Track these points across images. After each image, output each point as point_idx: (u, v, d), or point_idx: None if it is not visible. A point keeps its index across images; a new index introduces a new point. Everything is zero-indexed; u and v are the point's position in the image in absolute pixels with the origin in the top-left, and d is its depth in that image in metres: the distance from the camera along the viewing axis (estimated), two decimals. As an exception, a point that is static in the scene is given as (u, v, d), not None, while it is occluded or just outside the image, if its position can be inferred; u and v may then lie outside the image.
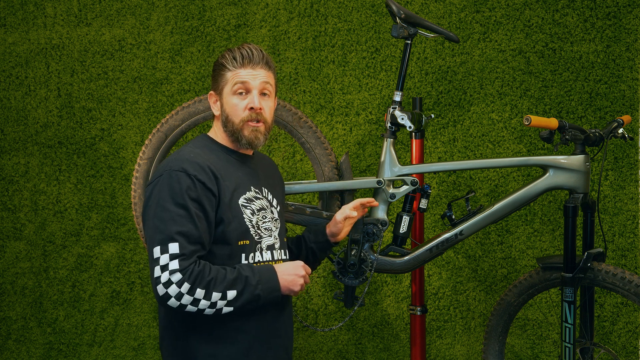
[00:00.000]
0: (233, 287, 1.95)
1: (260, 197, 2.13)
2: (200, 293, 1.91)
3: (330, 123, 3.15)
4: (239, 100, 2.08)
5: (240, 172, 2.10)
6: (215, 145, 2.12)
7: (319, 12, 3.14)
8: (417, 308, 2.72)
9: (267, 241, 2.12)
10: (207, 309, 1.93)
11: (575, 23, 2.93)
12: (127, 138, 3.34)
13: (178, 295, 1.90)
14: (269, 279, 2.01)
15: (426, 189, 2.51)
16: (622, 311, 2.94)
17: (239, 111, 2.08)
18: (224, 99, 2.10)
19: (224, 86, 2.10)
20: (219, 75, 2.11)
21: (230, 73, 2.08)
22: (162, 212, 1.94)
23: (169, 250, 1.91)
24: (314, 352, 3.23)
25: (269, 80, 2.11)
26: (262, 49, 2.13)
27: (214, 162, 2.04)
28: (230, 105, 2.09)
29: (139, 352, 3.39)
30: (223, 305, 1.95)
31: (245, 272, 1.98)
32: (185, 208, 1.94)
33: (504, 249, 3.04)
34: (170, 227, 1.93)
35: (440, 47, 3.05)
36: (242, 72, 2.08)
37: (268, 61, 2.12)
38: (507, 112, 3.00)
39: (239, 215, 2.04)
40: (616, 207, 2.93)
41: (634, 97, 2.89)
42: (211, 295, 1.92)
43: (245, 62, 2.08)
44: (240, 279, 1.96)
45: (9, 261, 3.48)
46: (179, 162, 2.00)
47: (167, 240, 1.92)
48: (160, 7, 3.28)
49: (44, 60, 3.40)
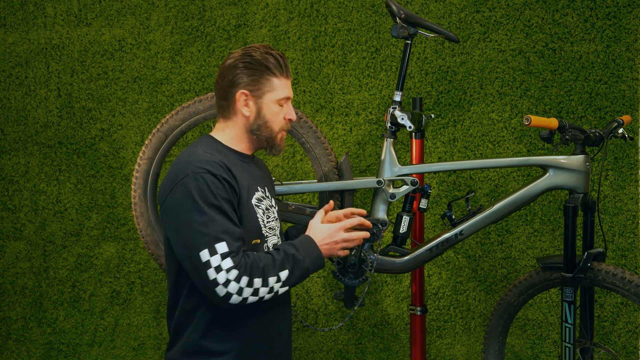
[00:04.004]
0: (284, 267, 1.97)
1: (265, 196, 2.14)
2: (258, 282, 1.93)
3: (330, 123, 3.15)
4: (279, 109, 2.10)
5: (247, 173, 2.10)
6: (221, 146, 2.10)
7: (319, 12, 3.14)
8: (417, 308, 2.72)
9: (272, 240, 2.13)
10: (266, 295, 1.96)
11: (575, 23, 2.93)
12: (127, 138, 3.34)
13: (239, 290, 1.91)
14: (312, 251, 2.04)
15: (426, 189, 2.51)
16: (622, 311, 2.94)
17: (279, 119, 2.10)
18: (264, 104, 2.07)
19: (268, 92, 2.07)
20: (263, 78, 2.06)
21: (277, 81, 2.07)
22: (198, 216, 1.91)
23: (218, 251, 1.89)
24: (314, 352, 3.23)
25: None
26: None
27: (227, 162, 2.03)
28: (272, 113, 2.08)
29: (139, 352, 3.39)
30: (279, 287, 1.97)
31: (290, 250, 2.00)
32: (219, 208, 1.93)
33: (504, 249, 3.04)
34: (213, 228, 1.90)
35: (440, 47, 3.05)
36: (285, 82, 2.10)
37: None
38: (507, 112, 3.00)
39: (254, 215, 2.05)
40: (616, 207, 2.93)
41: (634, 97, 2.89)
42: (268, 281, 1.94)
43: (288, 72, 2.10)
44: (288, 258, 1.98)
45: (9, 261, 3.48)
46: (200, 164, 1.96)
47: (213, 241, 1.90)
48: (160, 7, 3.28)
49: (44, 60, 3.40)
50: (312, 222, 2.14)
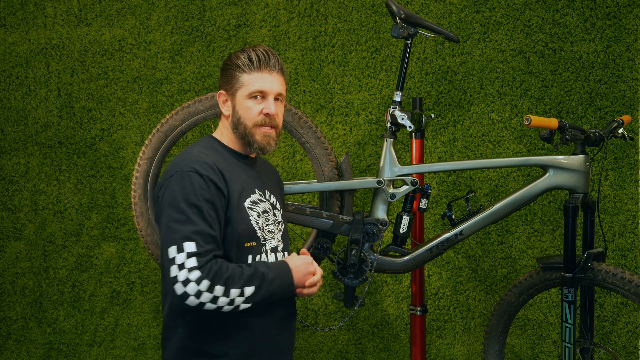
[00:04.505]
0: (250, 283, 1.94)
1: (264, 199, 2.13)
2: (219, 290, 1.90)
3: (330, 123, 3.15)
4: (253, 104, 2.07)
5: (245, 175, 2.10)
6: (221, 147, 2.11)
7: (319, 12, 3.14)
8: (417, 308, 2.72)
9: (271, 243, 2.12)
10: (225, 306, 1.92)
11: (575, 23, 2.93)
12: (127, 138, 3.34)
13: (197, 293, 1.88)
14: (284, 275, 2.01)
15: (426, 189, 2.51)
16: (622, 311, 2.94)
17: (252, 114, 2.07)
18: (236, 101, 2.08)
19: (239, 89, 2.07)
20: (233, 76, 2.08)
21: (246, 76, 2.06)
22: (176, 213, 1.93)
23: (185, 249, 1.89)
24: (314, 352, 3.23)
25: (283, 87, 2.12)
26: (276, 53, 2.11)
27: (221, 163, 2.03)
28: (244, 108, 2.07)
29: (139, 352, 3.39)
30: (241, 302, 1.94)
31: (261, 269, 1.98)
32: (198, 207, 1.93)
33: (504, 249, 3.04)
34: (186, 226, 1.91)
35: (440, 47, 3.05)
36: (259, 76, 2.06)
37: (282, 67, 2.12)
38: (507, 112, 3.00)
39: (246, 217, 2.04)
40: (616, 207, 2.93)
41: (634, 97, 2.89)
42: (229, 292, 1.91)
43: (263, 66, 2.06)
44: (257, 275, 1.96)
45: (9, 261, 3.48)
46: (190, 163, 1.98)
47: (182, 239, 1.90)
48: (160, 7, 3.28)
49: (44, 60, 3.40)
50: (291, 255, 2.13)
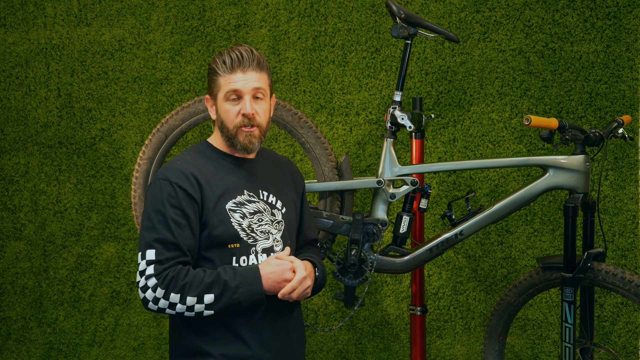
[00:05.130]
0: (210, 291, 1.95)
1: (256, 200, 2.11)
2: (175, 297, 1.94)
3: (330, 123, 3.15)
4: (231, 106, 2.07)
5: (234, 176, 2.09)
6: (211, 151, 2.13)
7: (319, 12, 3.14)
8: (417, 308, 2.72)
9: (264, 244, 2.09)
10: (185, 312, 1.96)
11: (575, 23, 2.93)
12: (127, 138, 3.34)
13: (154, 299, 1.95)
14: (251, 283, 1.98)
15: (426, 189, 2.51)
16: (622, 311, 2.94)
17: (232, 117, 2.07)
18: (218, 105, 2.09)
19: (217, 92, 2.08)
20: (212, 81, 2.09)
21: (221, 79, 2.06)
22: (145, 220, 2.00)
23: (146, 257, 1.96)
24: (314, 352, 3.23)
25: (261, 83, 2.07)
26: (253, 49, 2.07)
27: (203, 168, 2.05)
28: (223, 111, 2.08)
29: (139, 352, 3.39)
30: (202, 309, 1.96)
31: (224, 276, 1.97)
32: (163, 215, 1.97)
33: (504, 249, 3.04)
34: (150, 234, 1.97)
35: (440, 47, 3.05)
36: (232, 77, 2.04)
37: (260, 62, 2.07)
38: (507, 112, 3.00)
39: (225, 219, 2.04)
40: (616, 207, 2.93)
41: (634, 97, 2.89)
42: (186, 299, 1.94)
43: (235, 66, 2.04)
44: (219, 283, 1.96)
45: (9, 261, 3.48)
46: (165, 171, 2.04)
47: (145, 247, 1.97)
48: (160, 7, 3.28)
49: (44, 60, 3.40)
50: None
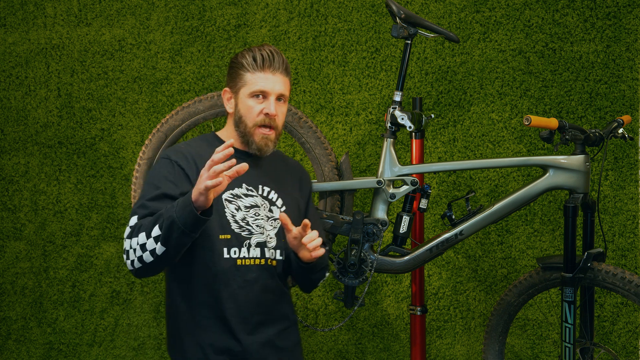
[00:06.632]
0: (155, 223, 1.92)
1: (254, 194, 2.12)
2: (134, 242, 1.95)
3: (330, 123, 3.15)
4: (254, 103, 2.09)
5: None
6: (217, 142, 2.14)
7: (319, 12, 3.14)
8: (417, 308, 2.72)
9: (258, 238, 2.11)
10: (144, 254, 1.93)
11: (575, 23, 2.93)
12: (127, 138, 3.34)
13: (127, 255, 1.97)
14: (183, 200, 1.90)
15: (426, 189, 2.51)
16: (622, 311, 2.94)
17: (253, 114, 2.09)
18: (239, 99, 2.11)
19: (242, 87, 2.10)
20: (237, 75, 2.10)
21: (249, 75, 2.08)
22: (140, 191, 2.08)
23: (129, 223, 2.00)
24: (314, 352, 3.23)
25: (286, 87, 2.12)
26: (282, 53, 2.11)
27: (206, 155, 1.99)
28: (245, 107, 2.09)
29: (139, 352, 3.39)
30: (155, 245, 1.91)
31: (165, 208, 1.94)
32: (157, 187, 2.01)
33: (504, 249, 3.04)
34: (139, 202, 2.02)
35: (440, 47, 3.05)
36: (261, 75, 2.08)
37: (287, 67, 2.12)
38: (507, 112, 3.00)
39: (219, 208, 2.06)
40: (616, 207, 2.93)
41: (634, 97, 2.89)
42: (138, 238, 1.94)
43: (266, 66, 2.07)
44: (160, 214, 1.93)
45: (9, 261, 3.48)
46: (168, 151, 2.11)
47: (131, 214, 2.01)
48: (160, 7, 3.28)
49: (44, 60, 3.40)
50: None
